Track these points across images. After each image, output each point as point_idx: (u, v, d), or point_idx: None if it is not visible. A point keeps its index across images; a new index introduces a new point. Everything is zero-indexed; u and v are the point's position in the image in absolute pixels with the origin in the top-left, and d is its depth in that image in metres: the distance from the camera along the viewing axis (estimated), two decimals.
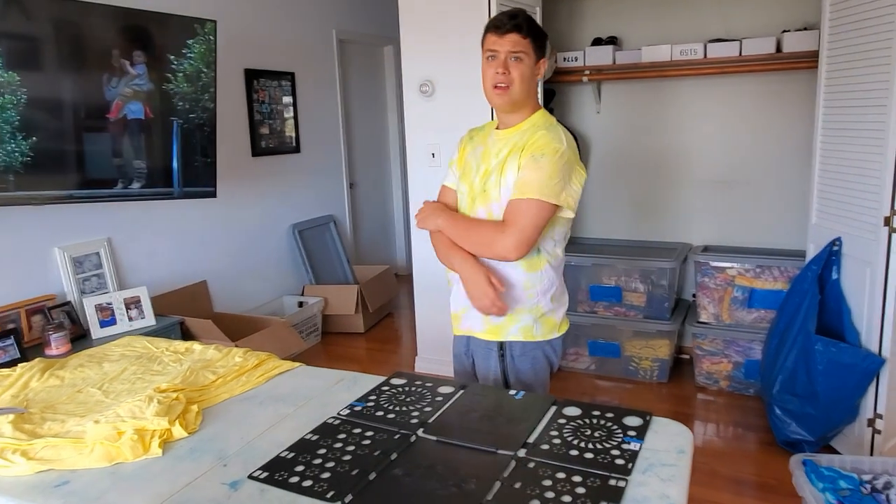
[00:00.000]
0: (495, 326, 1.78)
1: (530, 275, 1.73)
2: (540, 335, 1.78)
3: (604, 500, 1.13)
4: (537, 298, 1.75)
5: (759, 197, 3.51)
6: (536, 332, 1.77)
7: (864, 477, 1.93)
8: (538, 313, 1.76)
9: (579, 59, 3.52)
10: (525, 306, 1.75)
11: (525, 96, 1.70)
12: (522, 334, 1.76)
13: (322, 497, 1.17)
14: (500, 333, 1.78)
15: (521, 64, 1.66)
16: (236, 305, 3.96)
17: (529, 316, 1.75)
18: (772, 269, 3.14)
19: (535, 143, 1.64)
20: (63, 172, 2.76)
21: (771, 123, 3.42)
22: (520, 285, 1.73)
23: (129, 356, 1.97)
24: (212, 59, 3.17)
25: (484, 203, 1.74)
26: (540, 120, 1.73)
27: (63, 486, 1.27)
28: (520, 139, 1.70)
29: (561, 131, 1.69)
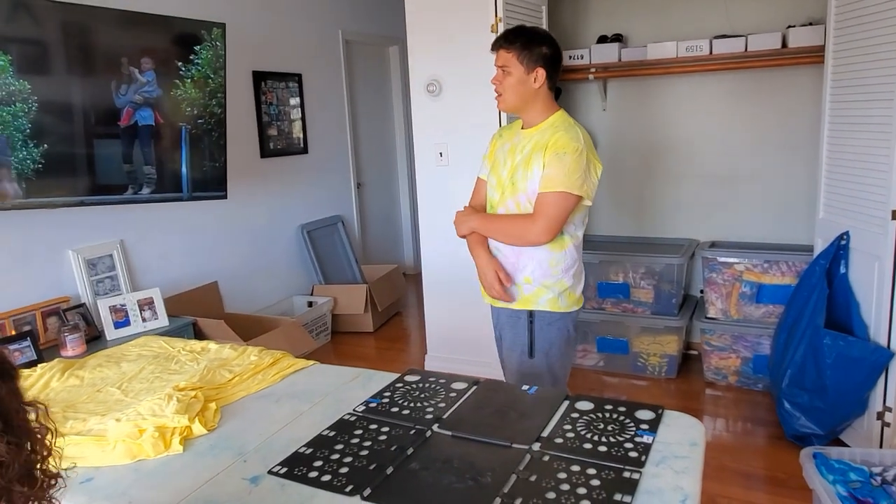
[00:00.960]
0: (526, 297, 1.99)
1: (556, 254, 1.94)
2: (564, 307, 1.99)
3: (619, 492, 1.15)
4: (562, 274, 1.96)
5: (766, 192, 3.52)
6: (561, 303, 1.98)
7: (874, 469, 1.95)
8: (562, 287, 1.97)
9: (585, 56, 3.54)
10: (551, 281, 1.96)
11: (522, 102, 1.95)
12: (549, 305, 1.97)
13: (341, 491, 1.20)
14: (529, 303, 1.99)
15: (509, 76, 1.92)
16: (247, 306, 3.99)
17: (556, 290, 1.97)
18: (779, 264, 3.15)
19: (557, 142, 1.86)
20: (74, 179, 2.79)
21: (777, 118, 3.43)
22: (547, 263, 1.95)
23: (146, 356, 2.00)
24: (220, 64, 3.20)
25: (513, 195, 1.95)
26: (559, 121, 1.95)
27: (88, 482, 1.30)
28: (541, 138, 1.92)
29: (578, 130, 1.91)
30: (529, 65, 1.90)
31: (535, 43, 1.91)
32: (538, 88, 1.93)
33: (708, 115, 3.59)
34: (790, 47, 3.08)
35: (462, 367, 3.18)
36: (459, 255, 3.39)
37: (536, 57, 1.90)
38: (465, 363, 3.36)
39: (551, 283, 1.96)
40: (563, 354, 2.05)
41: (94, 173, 2.85)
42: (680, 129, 3.67)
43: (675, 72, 3.50)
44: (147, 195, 3.06)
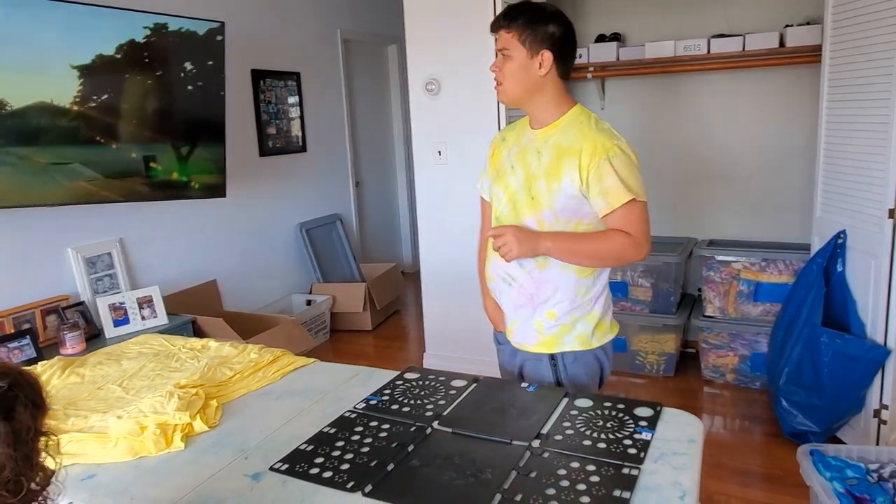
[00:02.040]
0: (549, 338, 1.67)
1: (584, 280, 1.64)
2: (596, 342, 1.69)
3: (618, 488, 1.16)
4: (592, 304, 1.67)
5: (763, 191, 3.53)
6: (593, 339, 1.68)
7: (871, 466, 1.96)
8: (594, 320, 1.68)
9: (583, 55, 3.55)
10: (580, 314, 1.66)
11: (525, 93, 1.61)
12: (579, 343, 1.67)
13: (343, 487, 1.21)
14: (554, 345, 1.68)
15: (510, 60, 1.58)
16: (245, 304, 4.00)
17: (586, 324, 1.67)
18: (777, 263, 3.17)
19: (597, 146, 1.53)
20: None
21: (775, 118, 3.44)
22: (574, 292, 1.64)
23: (146, 353, 2.00)
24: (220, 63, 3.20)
25: (532, 211, 1.61)
26: (581, 116, 1.61)
27: (90, 479, 1.31)
28: (562, 139, 1.59)
29: (608, 126, 1.60)
30: (533, 47, 1.55)
31: (540, 21, 1.56)
32: (545, 76, 1.57)
33: (706, 114, 3.60)
34: (788, 47, 3.10)
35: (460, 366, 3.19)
36: (457, 254, 3.40)
37: (542, 37, 1.55)
38: (464, 361, 3.37)
39: (580, 315, 1.65)
40: (595, 387, 1.75)
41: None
42: (678, 128, 3.68)
43: (673, 71, 3.51)
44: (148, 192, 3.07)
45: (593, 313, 1.67)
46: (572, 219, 1.60)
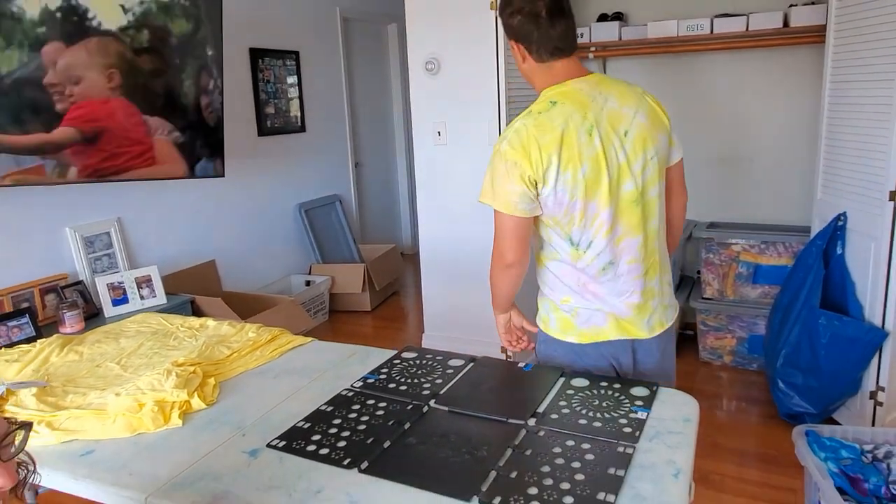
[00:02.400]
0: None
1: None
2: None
3: (612, 466, 1.17)
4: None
5: (764, 173, 3.52)
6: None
7: (866, 447, 1.97)
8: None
9: (585, 35, 3.51)
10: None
11: (528, 82, 1.57)
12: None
13: (339, 464, 1.21)
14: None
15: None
16: (245, 284, 4.00)
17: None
18: (776, 245, 3.16)
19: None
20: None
21: (777, 99, 3.42)
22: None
23: (144, 332, 2.01)
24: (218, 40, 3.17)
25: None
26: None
27: (88, 454, 1.32)
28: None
29: (522, 114, 1.48)
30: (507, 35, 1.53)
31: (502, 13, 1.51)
32: (524, 68, 1.54)
33: (708, 94, 3.57)
34: (792, 27, 3.06)
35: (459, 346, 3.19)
36: (457, 235, 3.40)
37: (505, 30, 1.52)
38: (462, 342, 3.38)
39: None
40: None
41: None
42: (679, 108, 3.65)
43: (676, 51, 3.48)
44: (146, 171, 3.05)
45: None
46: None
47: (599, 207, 1.44)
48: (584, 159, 1.41)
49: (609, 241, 1.47)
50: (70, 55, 2.66)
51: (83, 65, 2.71)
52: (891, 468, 1.87)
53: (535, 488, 1.11)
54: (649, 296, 1.54)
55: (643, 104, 1.49)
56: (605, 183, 1.43)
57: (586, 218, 1.44)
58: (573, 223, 1.45)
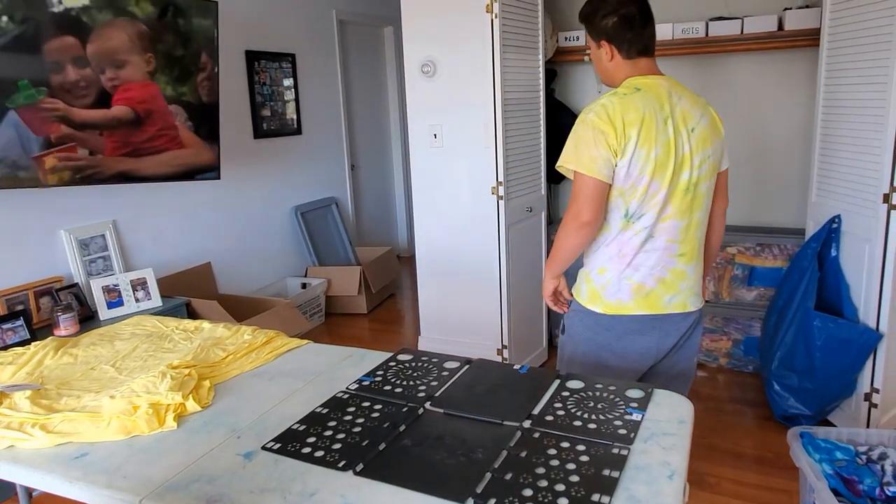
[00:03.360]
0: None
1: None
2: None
3: (607, 468, 1.17)
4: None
5: (759, 175, 3.53)
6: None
7: (860, 448, 1.98)
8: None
9: (581, 38, 3.51)
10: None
11: (605, 78, 1.77)
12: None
13: (334, 466, 1.21)
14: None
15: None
16: (240, 287, 3.99)
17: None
18: (772, 248, 3.17)
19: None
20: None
21: (772, 102, 3.43)
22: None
23: (139, 334, 2.00)
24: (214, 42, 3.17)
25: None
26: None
27: (82, 457, 1.31)
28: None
29: (602, 96, 1.68)
30: (594, 38, 1.74)
31: (583, 13, 1.76)
32: (604, 66, 1.73)
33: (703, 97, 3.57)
34: (786, 30, 3.08)
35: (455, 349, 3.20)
36: (453, 238, 3.40)
37: (591, 29, 1.73)
38: (459, 344, 3.37)
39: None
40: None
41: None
42: None
43: (671, 54, 3.49)
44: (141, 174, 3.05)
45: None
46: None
47: (660, 187, 1.61)
48: (658, 142, 1.58)
49: (656, 219, 1.63)
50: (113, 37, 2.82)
51: (126, 49, 2.85)
52: (885, 470, 1.87)
53: (530, 490, 1.11)
54: (679, 276, 1.67)
55: (707, 111, 1.71)
56: (670, 167, 1.60)
57: (647, 194, 1.61)
58: (634, 196, 1.61)
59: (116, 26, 2.81)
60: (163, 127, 3.10)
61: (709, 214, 1.74)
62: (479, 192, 3.19)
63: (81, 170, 2.81)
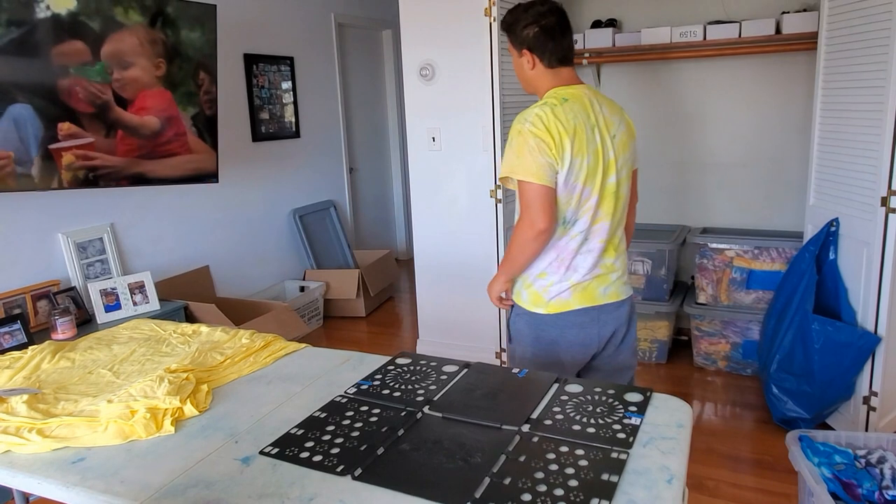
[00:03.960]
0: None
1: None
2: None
3: (606, 472, 1.17)
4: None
5: (757, 179, 3.53)
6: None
7: (859, 452, 1.98)
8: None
9: (579, 41, 3.52)
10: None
11: (526, 86, 1.84)
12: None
13: (332, 471, 1.21)
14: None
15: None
16: (238, 290, 3.99)
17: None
18: (770, 251, 3.17)
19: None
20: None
21: (770, 105, 3.44)
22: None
23: (137, 338, 2.00)
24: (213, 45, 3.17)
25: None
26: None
27: (79, 462, 1.31)
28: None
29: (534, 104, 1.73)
30: (515, 46, 1.79)
31: (505, 22, 1.80)
32: (528, 75, 1.79)
33: (701, 101, 3.59)
34: (784, 34, 3.08)
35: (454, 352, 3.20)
36: (452, 241, 3.40)
37: (513, 38, 1.78)
38: (457, 348, 3.37)
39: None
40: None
41: None
42: (673, 115, 3.67)
43: (669, 57, 3.49)
44: None
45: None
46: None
47: (592, 192, 1.70)
48: (589, 151, 1.68)
49: (590, 223, 1.73)
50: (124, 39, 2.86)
51: (135, 52, 2.90)
52: (884, 473, 1.87)
53: (529, 494, 1.10)
54: (609, 270, 1.80)
55: (623, 118, 1.81)
56: (599, 173, 1.70)
57: (581, 200, 1.70)
58: (570, 204, 1.70)
59: (128, 31, 2.86)
60: (177, 132, 3.15)
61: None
62: (478, 194, 3.20)
63: (96, 169, 2.84)
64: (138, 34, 2.88)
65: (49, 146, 2.66)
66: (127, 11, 2.86)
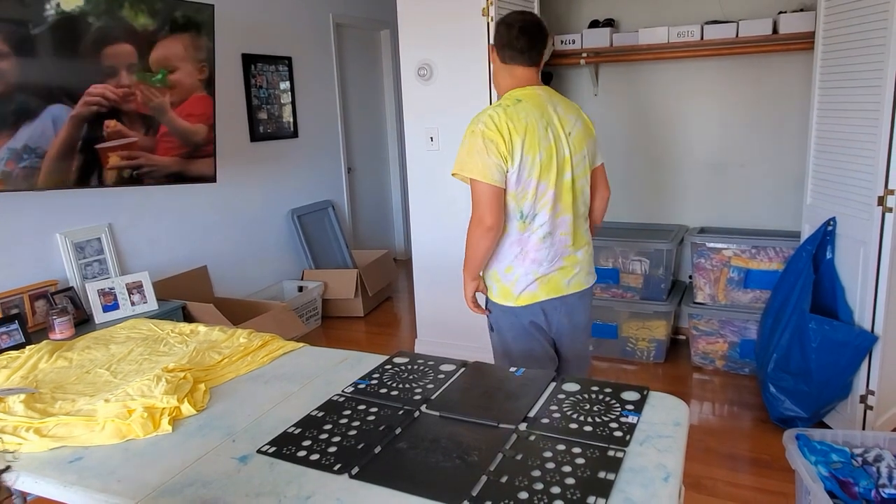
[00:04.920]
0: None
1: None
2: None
3: (603, 470, 1.17)
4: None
5: (754, 178, 3.54)
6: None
7: (856, 450, 1.98)
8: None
9: (577, 41, 3.52)
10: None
11: (495, 87, 1.98)
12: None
13: (330, 469, 1.21)
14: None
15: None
16: (237, 290, 3.99)
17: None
18: (767, 250, 3.18)
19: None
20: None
21: (767, 105, 3.44)
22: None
23: (134, 338, 2.00)
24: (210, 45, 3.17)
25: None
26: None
27: (77, 461, 1.31)
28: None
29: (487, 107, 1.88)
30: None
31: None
32: (496, 70, 1.95)
33: (698, 101, 3.59)
34: (781, 33, 3.09)
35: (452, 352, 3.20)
36: (449, 241, 3.40)
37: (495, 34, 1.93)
38: (455, 347, 3.37)
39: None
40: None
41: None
42: (671, 115, 3.67)
43: (667, 57, 3.50)
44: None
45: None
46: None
47: (547, 187, 1.82)
48: (541, 148, 1.79)
49: (551, 216, 1.85)
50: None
51: (180, 56, 3.02)
52: (881, 472, 1.88)
53: (526, 493, 1.11)
54: (573, 262, 1.94)
55: (580, 117, 1.95)
56: (553, 168, 1.82)
57: (537, 194, 1.82)
58: (526, 198, 1.82)
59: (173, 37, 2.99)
60: (211, 136, 3.30)
61: (589, 206, 2.01)
62: None
63: (139, 167, 2.94)
64: (183, 39, 2.98)
65: (95, 146, 2.77)
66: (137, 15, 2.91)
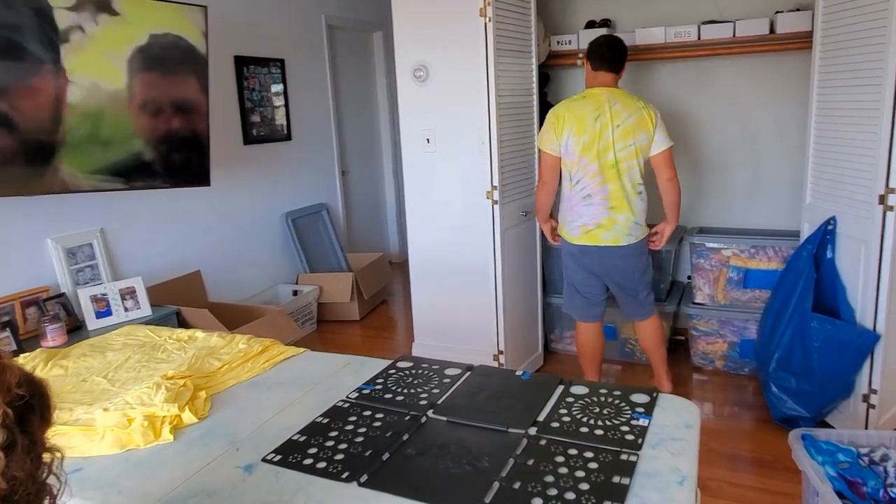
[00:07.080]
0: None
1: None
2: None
3: (617, 475, 1.15)
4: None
5: (753, 178, 3.53)
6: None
7: (862, 450, 1.97)
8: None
9: (573, 42, 3.51)
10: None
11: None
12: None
13: (337, 478, 1.18)
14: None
15: None
16: (231, 294, 3.94)
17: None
18: (766, 250, 3.17)
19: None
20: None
21: (765, 104, 3.44)
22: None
23: (131, 345, 1.96)
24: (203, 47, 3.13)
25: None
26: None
27: (76, 472, 1.27)
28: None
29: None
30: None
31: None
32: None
33: (695, 101, 3.59)
34: (778, 33, 3.09)
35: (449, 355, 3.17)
36: (446, 242, 3.37)
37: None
38: (452, 350, 3.34)
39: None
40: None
41: None
42: (667, 115, 3.66)
43: (664, 57, 3.49)
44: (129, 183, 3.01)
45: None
46: None
47: (590, 162, 2.61)
48: (586, 132, 2.59)
49: (591, 183, 2.63)
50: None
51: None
52: (888, 471, 1.86)
53: (540, 499, 1.08)
54: (612, 222, 2.65)
55: (637, 113, 2.60)
56: (594, 149, 2.59)
57: (580, 165, 2.63)
58: (573, 166, 2.65)
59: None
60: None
61: (639, 183, 2.68)
62: (474, 196, 3.17)
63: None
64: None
65: None
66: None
